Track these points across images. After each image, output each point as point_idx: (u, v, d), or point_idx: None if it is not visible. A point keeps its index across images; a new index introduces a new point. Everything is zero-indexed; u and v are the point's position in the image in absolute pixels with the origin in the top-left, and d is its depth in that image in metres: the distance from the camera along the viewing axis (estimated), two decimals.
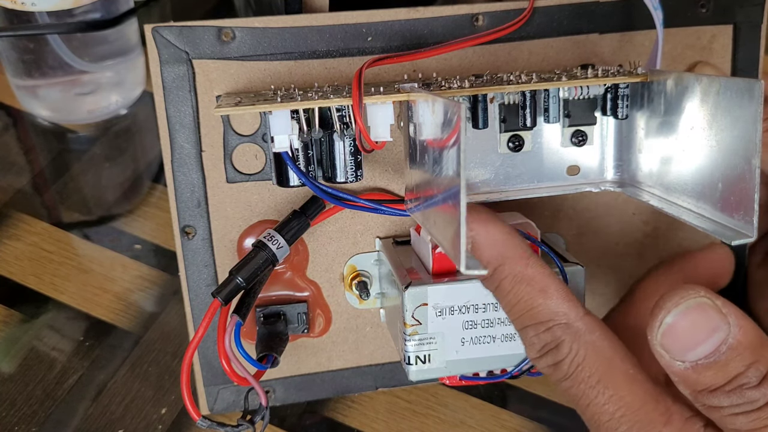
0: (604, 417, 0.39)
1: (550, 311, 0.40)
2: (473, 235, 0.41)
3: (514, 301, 0.41)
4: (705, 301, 0.37)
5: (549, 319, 0.40)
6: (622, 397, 0.39)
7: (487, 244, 0.41)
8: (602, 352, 0.39)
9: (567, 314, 0.40)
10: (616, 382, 0.39)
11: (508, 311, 0.42)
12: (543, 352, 0.40)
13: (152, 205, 0.65)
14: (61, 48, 0.63)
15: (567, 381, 0.40)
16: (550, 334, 0.40)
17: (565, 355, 0.40)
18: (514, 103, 0.46)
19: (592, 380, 0.39)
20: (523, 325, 0.41)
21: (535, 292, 0.40)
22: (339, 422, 0.55)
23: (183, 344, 0.57)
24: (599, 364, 0.39)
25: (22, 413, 0.53)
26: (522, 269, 0.41)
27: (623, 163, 0.49)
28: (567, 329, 0.40)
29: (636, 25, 0.51)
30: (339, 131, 0.44)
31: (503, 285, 0.41)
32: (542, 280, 0.41)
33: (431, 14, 0.48)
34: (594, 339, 0.40)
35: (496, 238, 0.41)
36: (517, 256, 0.41)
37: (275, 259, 0.46)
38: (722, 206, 0.41)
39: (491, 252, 0.41)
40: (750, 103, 0.38)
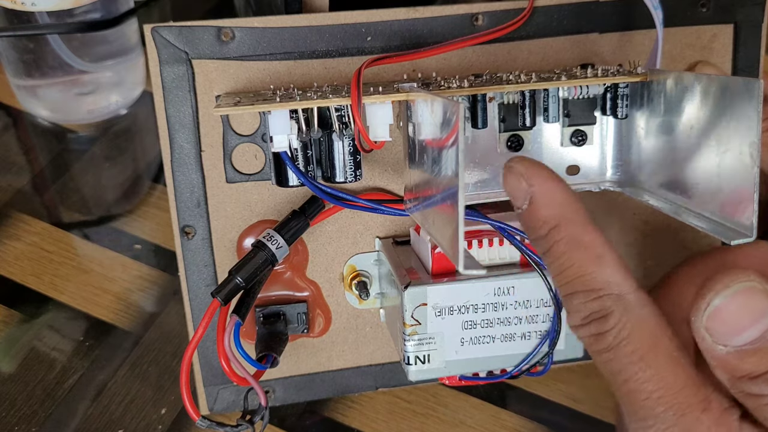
0: (642, 395, 0.38)
1: (604, 280, 0.39)
2: (532, 191, 0.40)
3: (567, 264, 0.39)
4: (756, 286, 0.37)
5: (601, 287, 0.39)
6: (663, 377, 0.38)
7: (545, 201, 0.40)
8: (649, 329, 0.38)
9: (620, 285, 0.39)
10: (659, 361, 0.38)
11: (557, 274, 0.40)
12: (588, 320, 0.39)
13: (152, 205, 0.65)
14: (61, 48, 0.63)
15: (608, 353, 0.39)
16: (599, 303, 0.39)
17: (612, 326, 0.38)
18: (514, 103, 0.46)
19: (635, 356, 0.38)
20: (573, 290, 0.39)
21: (590, 258, 0.39)
22: (339, 422, 0.55)
23: (183, 344, 0.57)
24: (645, 340, 0.38)
25: (22, 413, 0.53)
26: (580, 233, 0.39)
27: (623, 163, 0.49)
28: (618, 300, 0.38)
29: (636, 25, 0.51)
30: (338, 131, 0.44)
31: (557, 247, 0.40)
32: (599, 247, 0.39)
33: (431, 14, 0.48)
34: (643, 315, 0.38)
35: (557, 196, 0.40)
36: (576, 219, 0.40)
37: (275, 259, 0.46)
38: (722, 206, 0.41)
39: (549, 211, 0.40)
40: (750, 103, 0.38)
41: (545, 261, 0.41)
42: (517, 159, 0.41)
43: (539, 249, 0.41)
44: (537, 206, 0.40)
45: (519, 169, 0.40)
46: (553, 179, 0.40)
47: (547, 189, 0.40)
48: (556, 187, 0.40)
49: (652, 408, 0.38)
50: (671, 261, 0.55)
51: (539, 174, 0.40)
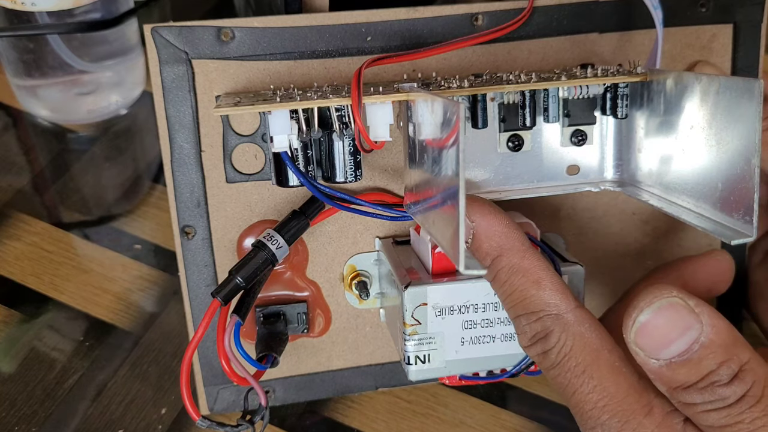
0: (588, 406, 0.40)
1: (542, 302, 0.41)
2: (474, 226, 0.42)
3: (509, 291, 0.42)
4: (677, 301, 0.38)
5: (540, 309, 0.41)
6: (605, 387, 0.40)
7: (486, 235, 0.42)
8: (590, 343, 0.40)
9: (558, 305, 0.41)
10: (601, 372, 0.40)
11: (503, 300, 0.43)
12: (533, 340, 0.42)
13: (152, 205, 0.65)
14: (61, 48, 0.63)
15: (554, 369, 0.41)
16: (540, 324, 0.41)
17: (554, 344, 0.41)
18: (514, 103, 0.46)
19: (578, 370, 0.40)
20: (516, 314, 0.42)
21: (529, 283, 0.41)
22: (339, 422, 0.55)
23: (183, 344, 0.57)
24: (586, 354, 0.40)
25: (22, 413, 0.53)
26: (518, 261, 0.42)
27: (623, 163, 0.49)
28: (557, 320, 0.41)
29: (635, 25, 0.51)
30: (338, 131, 0.44)
31: (499, 275, 0.42)
32: (537, 272, 0.42)
33: (430, 14, 0.48)
34: (582, 330, 0.41)
35: (495, 229, 0.42)
36: (514, 248, 0.42)
37: (275, 259, 0.46)
38: (722, 205, 0.41)
39: (490, 243, 0.42)
40: (750, 103, 0.38)
41: (495, 290, 0.43)
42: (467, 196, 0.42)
43: (487, 279, 0.43)
44: (479, 240, 0.43)
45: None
46: (492, 213, 0.43)
47: (487, 223, 0.43)
48: (494, 220, 0.43)
49: (598, 417, 0.40)
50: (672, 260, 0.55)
51: (479, 210, 0.43)
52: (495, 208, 0.43)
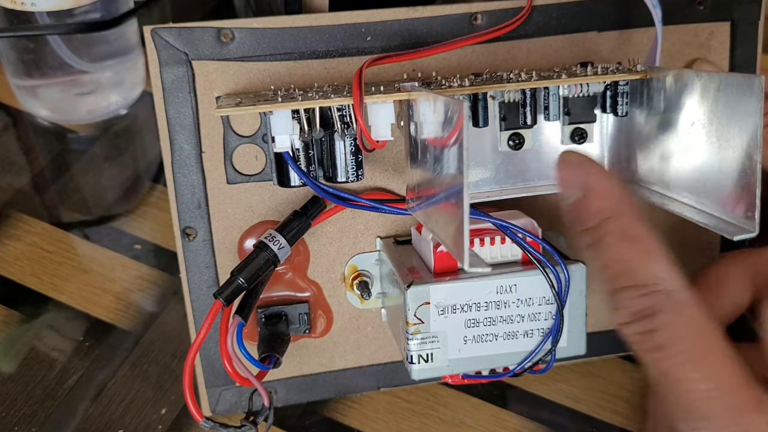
0: (695, 395, 0.38)
1: (653, 275, 0.39)
2: (589, 180, 0.40)
3: (615, 257, 0.39)
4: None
5: (650, 283, 0.39)
6: (717, 377, 0.38)
7: (601, 192, 0.40)
8: (700, 328, 0.38)
9: (670, 281, 0.39)
10: (712, 361, 0.38)
11: (605, 267, 0.40)
12: (636, 317, 0.39)
13: (152, 205, 0.65)
14: (61, 48, 0.63)
15: (658, 352, 0.38)
16: (648, 300, 0.38)
17: (662, 324, 0.38)
18: (515, 102, 0.46)
19: (687, 356, 0.38)
20: (620, 284, 0.39)
21: (640, 252, 0.39)
22: (339, 422, 0.55)
23: (183, 344, 0.57)
24: (696, 340, 0.38)
25: (22, 413, 0.53)
26: (631, 226, 0.40)
27: (623, 161, 0.49)
28: (668, 297, 0.38)
29: (634, 23, 0.51)
30: (340, 131, 0.44)
31: (606, 240, 0.40)
32: (650, 242, 0.39)
33: (430, 13, 0.48)
34: (694, 313, 0.38)
35: (612, 190, 0.40)
36: (628, 212, 0.40)
37: (276, 259, 0.46)
38: (724, 202, 0.41)
39: (603, 202, 0.40)
40: (750, 99, 0.39)
41: (592, 254, 0.41)
42: (573, 152, 0.42)
43: (587, 241, 0.41)
44: (591, 197, 0.40)
45: (576, 160, 0.41)
46: (609, 174, 0.41)
47: (603, 180, 0.40)
48: (611, 180, 0.41)
49: (707, 409, 0.38)
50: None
51: (596, 167, 0.41)
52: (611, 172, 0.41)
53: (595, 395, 0.56)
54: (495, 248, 0.47)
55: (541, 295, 0.47)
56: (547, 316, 0.47)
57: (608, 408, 0.56)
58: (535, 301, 0.47)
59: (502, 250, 0.47)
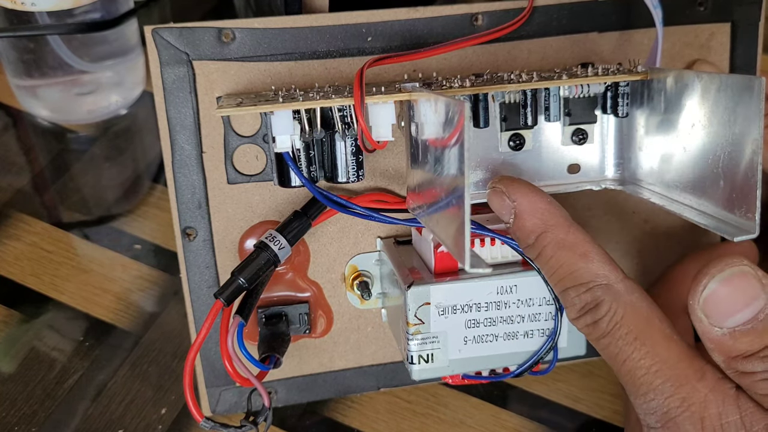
0: (640, 372, 0.40)
1: (591, 273, 0.42)
2: (516, 205, 0.43)
3: (556, 265, 0.43)
4: (748, 270, 0.39)
5: (590, 280, 0.42)
6: (658, 353, 0.40)
7: (529, 212, 0.43)
8: (640, 311, 0.41)
9: (607, 276, 0.42)
10: (653, 339, 0.41)
11: (550, 275, 0.43)
12: (583, 311, 0.42)
13: (152, 205, 0.65)
14: (61, 48, 0.63)
15: (605, 339, 0.41)
16: (590, 294, 0.42)
17: (604, 313, 0.41)
18: (515, 102, 0.46)
19: (630, 337, 0.41)
20: (565, 287, 0.43)
21: (576, 256, 0.42)
22: (339, 422, 0.55)
23: (183, 344, 0.57)
24: (637, 322, 0.41)
25: (22, 413, 0.53)
26: (564, 235, 0.43)
27: (624, 161, 0.49)
28: (607, 290, 0.41)
29: (634, 24, 0.51)
30: (340, 131, 0.44)
31: (546, 251, 0.43)
32: (583, 246, 0.42)
33: (431, 14, 0.48)
34: (633, 299, 0.41)
35: (539, 206, 0.43)
36: (558, 223, 0.43)
37: (277, 259, 0.46)
38: (724, 203, 0.41)
39: (534, 220, 0.43)
40: (750, 100, 0.39)
41: (539, 266, 0.44)
42: (497, 179, 0.45)
43: (530, 256, 0.44)
44: (522, 218, 0.43)
45: (500, 188, 0.44)
46: (533, 192, 0.44)
47: (529, 201, 0.43)
48: (536, 198, 0.44)
49: (651, 382, 0.40)
50: (671, 259, 0.55)
51: (519, 189, 0.44)
52: (534, 186, 0.44)
53: (595, 395, 0.56)
54: (495, 248, 0.47)
55: (541, 295, 0.47)
56: (547, 316, 0.47)
57: (608, 408, 0.56)
58: (536, 301, 0.47)
59: (502, 251, 0.47)
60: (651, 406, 0.40)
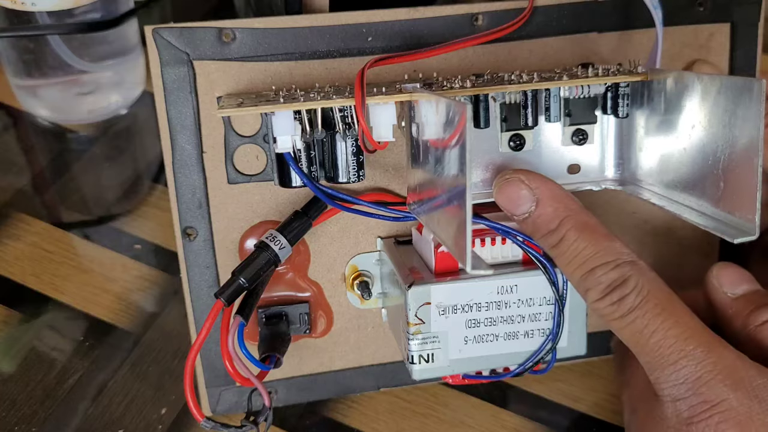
0: (670, 341, 0.42)
1: (617, 251, 0.43)
2: (536, 192, 0.44)
3: (581, 246, 0.44)
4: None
5: (617, 257, 0.43)
6: (686, 321, 0.42)
7: (551, 197, 0.44)
8: (663, 285, 0.43)
9: (632, 254, 0.43)
10: (679, 311, 0.43)
11: (573, 258, 0.44)
12: (610, 289, 0.43)
13: (152, 205, 0.65)
14: (61, 48, 0.63)
15: (632, 313, 0.42)
16: (618, 271, 0.43)
17: (632, 288, 0.42)
18: (516, 103, 0.46)
19: (658, 308, 0.42)
20: (591, 266, 0.43)
21: (601, 235, 0.44)
22: (339, 422, 0.55)
23: (183, 344, 0.57)
24: (663, 295, 0.43)
25: (22, 413, 0.53)
26: (586, 218, 0.44)
27: (624, 162, 0.49)
28: (633, 265, 0.43)
29: (634, 24, 0.51)
30: (341, 131, 0.44)
31: (569, 234, 0.44)
32: (604, 228, 0.44)
33: (431, 14, 0.48)
34: (654, 275, 0.43)
35: (559, 193, 0.45)
36: (579, 208, 0.44)
37: (277, 259, 0.46)
38: (724, 204, 0.41)
39: (557, 204, 0.44)
40: (750, 102, 0.39)
41: (557, 253, 0.44)
42: (513, 170, 0.46)
43: (550, 243, 0.44)
44: (544, 204, 0.44)
45: (519, 177, 0.45)
46: (551, 180, 0.45)
47: (549, 188, 0.45)
48: (554, 185, 0.45)
49: (683, 348, 0.42)
50: (670, 259, 0.55)
51: (539, 177, 0.45)
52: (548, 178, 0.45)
53: (595, 395, 0.56)
54: (496, 248, 0.47)
55: (541, 295, 0.47)
56: (547, 316, 0.47)
57: (608, 408, 0.56)
58: (536, 301, 0.47)
59: (502, 251, 0.47)
60: (682, 374, 0.42)
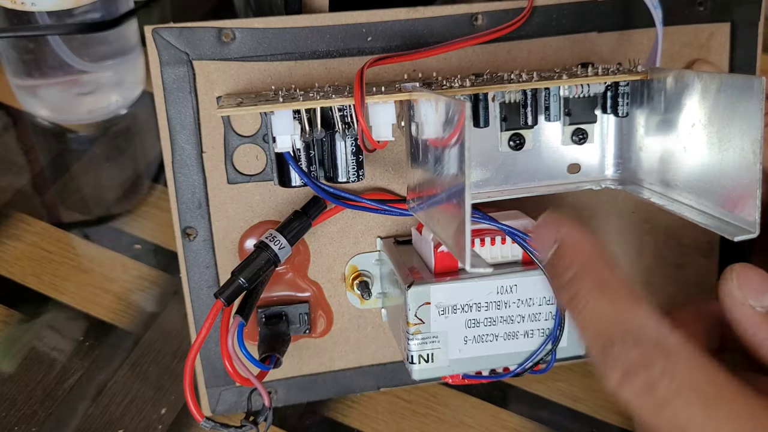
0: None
1: (639, 323, 0.36)
2: (561, 235, 0.39)
3: (595, 311, 0.37)
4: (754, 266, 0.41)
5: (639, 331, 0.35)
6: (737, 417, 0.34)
7: (574, 243, 0.39)
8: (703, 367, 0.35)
9: (658, 327, 0.36)
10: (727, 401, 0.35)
11: (587, 324, 0.37)
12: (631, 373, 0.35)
13: (152, 205, 0.65)
14: (61, 48, 0.63)
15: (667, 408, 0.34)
16: (639, 351, 0.35)
17: (661, 374, 0.34)
18: (515, 102, 0.46)
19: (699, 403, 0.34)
20: (607, 339, 0.36)
21: (621, 301, 0.37)
22: (339, 422, 0.55)
23: (183, 344, 0.57)
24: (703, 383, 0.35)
25: (22, 413, 0.53)
26: (608, 276, 0.37)
27: (624, 161, 0.49)
28: (659, 344, 0.35)
29: (634, 24, 0.51)
30: (341, 131, 0.44)
31: (583, 293, 0.37)
32: (629, 291, 0.37)
33: (431, 14, 0.48)
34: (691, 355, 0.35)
35: (585, 242, 0.39)
36: (603, 263, 0.38)
37: (277, 259, 0.46)
38: (724, 202, 0.41)
39: (577, 253, 0.39)
40: (750, 100, 0.39)
41: (572, 311, 0.38)
42: (550, 212, 0.41)
43: (565, 297, 0.39)
44: (565, 248, 0.39)
45: (552, 218, 0.41)
46: (582, 228, 0.40)
47: (575, 234, 0.39)
48: (583, 234, 0.39)
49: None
50: (670, 259, 0.55)
51: (569, 222, 0.40)
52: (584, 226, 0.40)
53: (595, 395, 0.56)
54: (495, 248, 0.47)
55: (541, 295, 0.47)
56: (547, 316, 0.47)
57: (608, 408, 0.56)
58: (536, 301, 0.47)
59: (502, 250, 0.47)
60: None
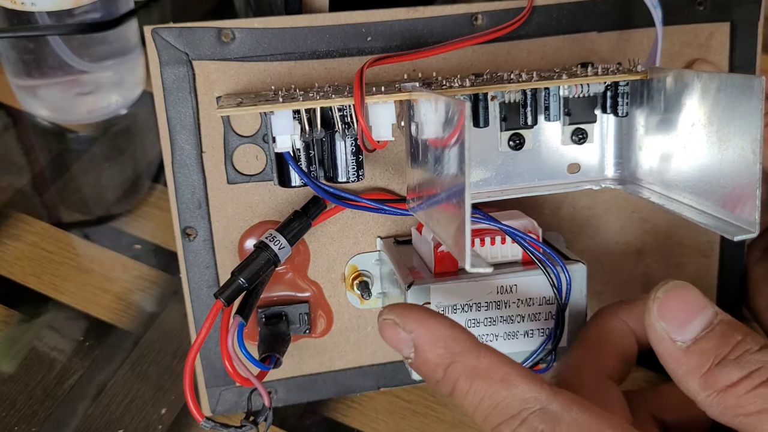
0: None
1: (519, 400, 0.37)
2: (413, 337, 0.39)
3: (476, 400, 0.37)
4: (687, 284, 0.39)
5: (521, 409, 0.36)
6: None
7: (429, 342, 0.38)
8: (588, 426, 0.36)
9: (538, 398, 0.37)
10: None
11: (473, 413, 0.38)
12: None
13: (152, 205, 0.65)
14: (61, 48, 0.63)
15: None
16: (526, 427, 0.36)
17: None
18: (515, 102, 0.46)
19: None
20: (495, 423, 0.37)
21: (496, 384, 0.37)
22: (339, 422, 0.55)
23: (183, 344, 0.57)
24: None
25: (22, 413, 0.53)
26: (476, 362, 0.38)
27: (623, 161, 0.49)
28: (543, 415, 0.36)
29: (634, 24, 0.51)
30: (341, 131, 0.44)
31: (460, 385, 0.38)
32: (500, 369, 0.37)
33: (431, 14, 0.48)
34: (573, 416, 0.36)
35: (439, 333, 0.39)
36: (466, 349, 0.38)
37: (277, 259, 0.46)
38: (724, 202, 0.41)
39: (438, 350, 0.38)
40: (750, 100, 0.39)
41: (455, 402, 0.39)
42: (388, 309, 0.40)
43: (443, 391, 0.39)
44: (423, 350, 0.39)
45: (392, 319, 0.40)
46: (431, 317, 0.39)
47: (427, 329, 0.39)
48: (435, 324, 0.39)
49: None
50: (670, 259, 0.55)
51: (414, 317, 0.39)
52: (432, 311, 0.40)
53: None
54: (495, 248, 0.47)
55: (541, 295, 0.47)
56: (547, 316, 0.47)
57: None
58: (536, 301, 0.47)
59: (502, 250, 0.47)
60: None
